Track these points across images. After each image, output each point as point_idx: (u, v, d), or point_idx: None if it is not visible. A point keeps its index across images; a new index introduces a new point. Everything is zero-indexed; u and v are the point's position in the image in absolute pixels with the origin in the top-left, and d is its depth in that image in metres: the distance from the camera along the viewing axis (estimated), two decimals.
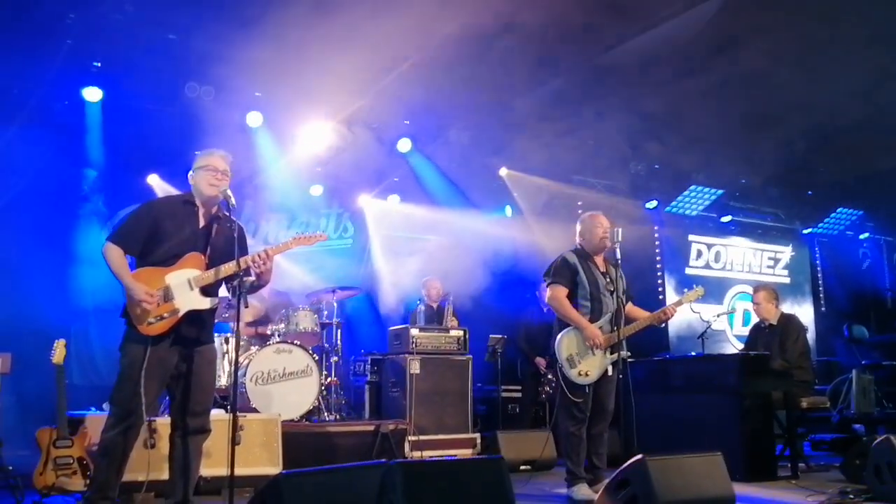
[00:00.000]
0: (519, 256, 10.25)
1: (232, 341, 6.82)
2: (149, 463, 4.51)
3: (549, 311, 8.31)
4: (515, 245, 10.24)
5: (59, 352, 5.00)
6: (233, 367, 6.55)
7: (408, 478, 3.12)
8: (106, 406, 5.65)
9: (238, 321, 4.02)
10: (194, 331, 4.15)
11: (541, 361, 8.14)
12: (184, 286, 4.07)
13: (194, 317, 4.11)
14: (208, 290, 4.16)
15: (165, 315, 4.01)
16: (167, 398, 4.35)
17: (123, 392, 3.97)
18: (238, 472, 3.88)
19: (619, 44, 7.59)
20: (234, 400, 4.06)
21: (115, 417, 4.01)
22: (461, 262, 9.67)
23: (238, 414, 4.19)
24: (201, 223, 4.24)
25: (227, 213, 4.27)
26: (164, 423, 4.84)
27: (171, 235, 4.12)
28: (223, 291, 4.47)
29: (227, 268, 4.11)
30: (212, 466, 5.32)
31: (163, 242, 4.10)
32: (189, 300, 4.07)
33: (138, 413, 3.94)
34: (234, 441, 3.86)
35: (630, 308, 5.52)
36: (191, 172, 4.28)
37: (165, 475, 4.29)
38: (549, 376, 8.01)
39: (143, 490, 4.40)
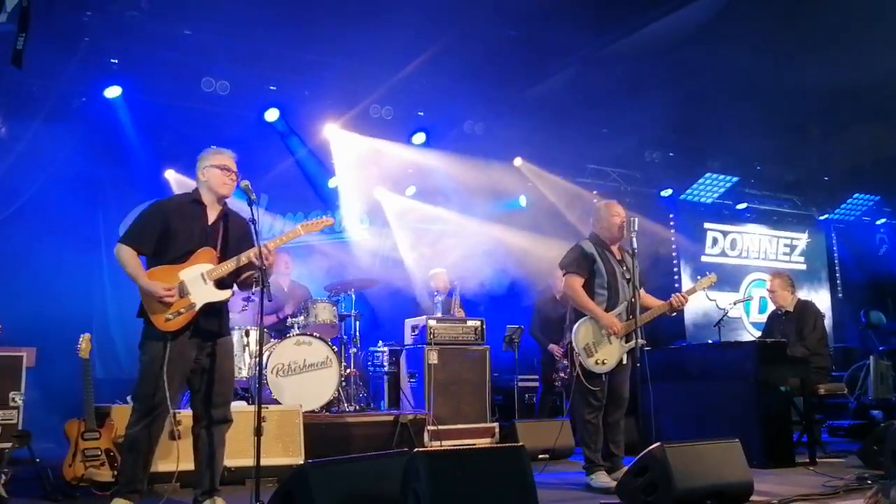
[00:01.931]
0: (532, 246, 10.28)
1: (253, 334, 6.91)
2: (175, 454, 4.57)
3: (562, 298, 8.39)
4: (530, 234, 10.28)
5: (84, 346, 5.09)
6: (254, 360, 6.67)
7: (431, 466, 3.17)
8: (130, 399, 5.75)
9: (261, 314, 4.07)
10: (211, 324, 4.23)
11: (554, 349, 8.17)
12: (198, 280, 4.15)
13: (210, 310, 4.19)
14: (223, 283, 4.24)
15: (182, 310, 4.08)
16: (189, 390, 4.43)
17: (146, 388, 4.05)
18: (261, 462, 3.96)
19: (632, 32, 7.59)
20: (259, 392, 4.12)
21: (139, 413, 4.10)
22: (476, 252, 9.72)
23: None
24: (210, 220, 4.31)
25: (252, 208, 4.29)
26: (188, 414, 4.91)
27: (182, 233, 4.19)
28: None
29: (242, 258, 4.18)
30: (235, 457, 5.41)
31: (174, 241, 4.17)
32: (204, 294, 4.15)
33: (162, 408, 4.03)
34: (259, 432, 3.94)
35: (642, 296, 5.54)
36: (200, 170, 4.35)
37: (191, 466, 4.36)
38: (564, 362, 8.02)
39: (173, 480, 4.48)
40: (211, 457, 4.23)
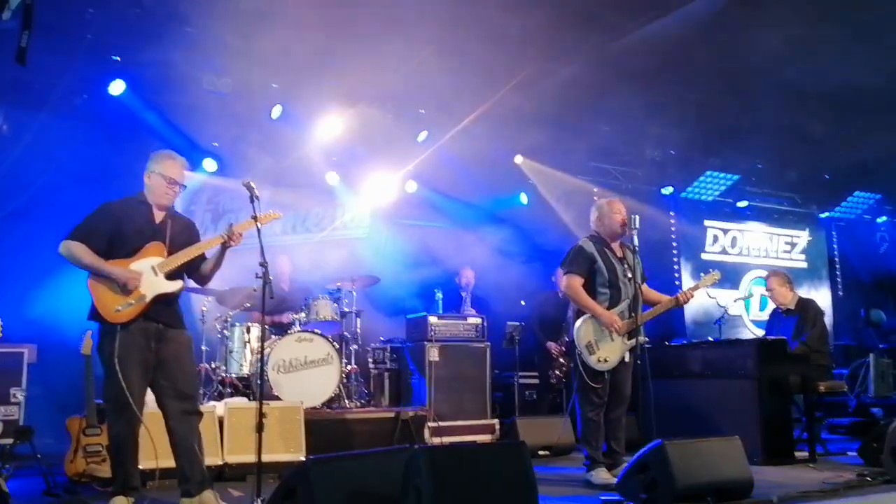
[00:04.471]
0: (536, 243, 10.29)
1: (254, 330, 6.93)
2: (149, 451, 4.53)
3: (565, 296, 8.42)
4: (532, 231, 10.29)
5: (87, 343, 5.11)
6: (256, 357, 6.68)
7: (432, 462, 3.17)
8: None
9: (263, 311, 4.09)
10: (163, 314, 4.28)
11: (552, 346, 8.20)
12: (148, 273, 4.22)
13: (162, 301, 4.25)
14: (173, 276, 4.31)
15: (132, 302, 4.14)
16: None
17: (111, 387, 4.08)
18: (262, 458, 3.98)
19: (635, 30, 7.58)
20: (261, 388, 4.13)
21: (114, 413, 4.14)
22: (477, 249, 9.72)
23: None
24: (157, 220, 4.40)
25: (254, 205, 4.36)
26: None
27: (131, 232, 4.27)
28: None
29: (190, 251, 4.33)
30: (237, 453, 5.45)
31: (123, 239, 4.25)
32: (155, 285, 4.22)
33: (129, 403, 4.03)
34: (261, 429, 3.96)
35: (646, 290, 5.55)
36: (147, 173, 4.41)
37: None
38: (561, 360, 8.08)
39: (156, 477, 4.48)
40: (189, 450, 4.24)
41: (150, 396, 4.33)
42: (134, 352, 4.12)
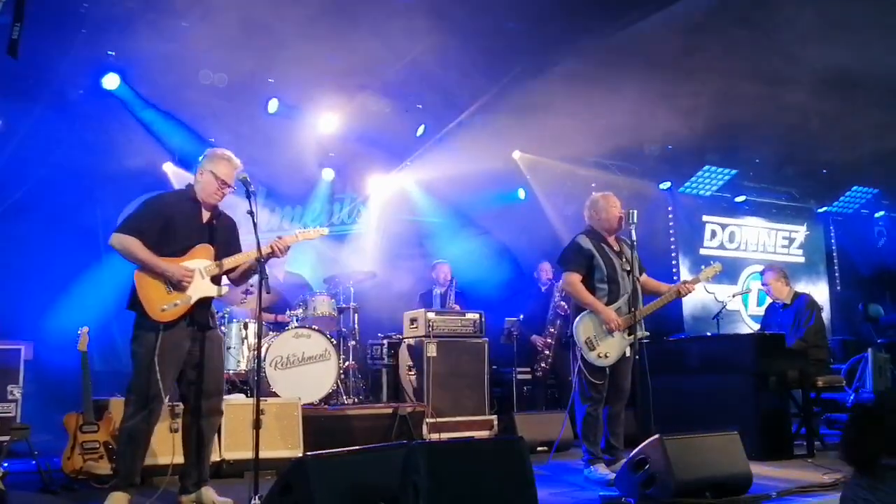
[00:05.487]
0: (533, 238, 10.28)
1: (251, 327, 6.91)
2: (174, 447, 4.57)
3: (546, 290, 8.43)
4: (530, 227, 10.27)
5: (83, 339, 5.10)
6: (253, 353, 6.67)
7: (430, 458, 3.16)
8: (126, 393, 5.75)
9: (259, 307, 4.09)
10: (203, 316, 4.32)
11: (537, 339, 8.19)
12: (196, 275, 4.23)
13: (204, 303, 4.30)
14: (216, 279, 4.35)
15: (178, 302, 4.16)
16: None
17: (141, 380, 4.08)
18: (260, 455, 3.96)
19: (633, 23, 7.56)
20: (258, 384, 4.12)
21: (136, 406, 4.12)
22: (475, 244, 9.71)
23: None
24: (204, 219, 4.40)
25: (251, 199, 4.31)
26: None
27: (180, 229, 4.28)
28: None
29: (235, 259, 4.38)
30: (234, 450, 5.43)
31: (173, 235, 4.25)
32: (201, 288, 4.25)
33: (158, 400, 4.09)
34: (258, 425, 3.95)
35: (647, 280, 5.53)
36: (200, 169, 4.39)
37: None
38: (546, 352, 8.08)
39: (168, 473, 4.47)
40: (201, 448, 4.31)
41: None
42: (173, 351, 4.15)
